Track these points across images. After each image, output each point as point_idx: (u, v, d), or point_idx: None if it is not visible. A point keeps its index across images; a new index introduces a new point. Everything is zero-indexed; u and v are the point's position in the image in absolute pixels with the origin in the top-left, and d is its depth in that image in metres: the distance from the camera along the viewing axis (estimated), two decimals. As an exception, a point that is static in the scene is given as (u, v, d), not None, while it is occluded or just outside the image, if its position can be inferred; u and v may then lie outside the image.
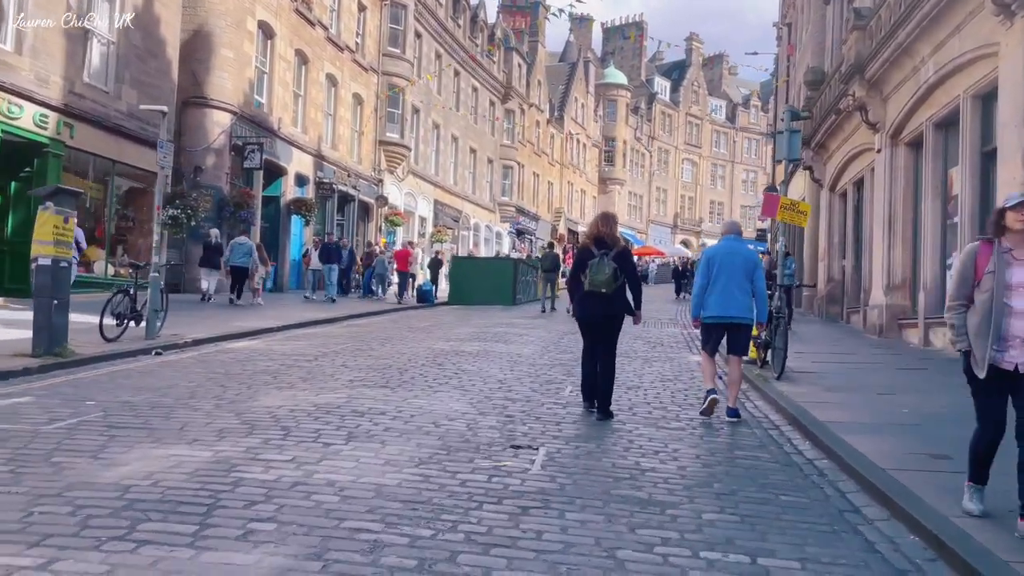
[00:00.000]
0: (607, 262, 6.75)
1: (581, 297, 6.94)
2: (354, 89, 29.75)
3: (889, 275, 14.53)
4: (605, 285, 6.73)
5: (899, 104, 13.99)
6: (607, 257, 6.78)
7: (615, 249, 6.86)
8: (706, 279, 7.13)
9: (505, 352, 11.45)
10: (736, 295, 7.01)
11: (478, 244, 43.58)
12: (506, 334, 14.15)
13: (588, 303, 6.89)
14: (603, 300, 6.80)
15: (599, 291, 6.75)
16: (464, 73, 40.97)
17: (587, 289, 6.80)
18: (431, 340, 12.76)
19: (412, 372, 9.03)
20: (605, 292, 6.75)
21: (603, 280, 6.73)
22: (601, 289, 6.74)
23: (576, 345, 12.70)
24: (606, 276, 6.73)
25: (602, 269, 6.75)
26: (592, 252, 6.84)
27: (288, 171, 25.04)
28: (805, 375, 9.49)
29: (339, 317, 16.67)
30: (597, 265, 6.74)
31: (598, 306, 6.84)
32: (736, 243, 7.35)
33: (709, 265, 7.15)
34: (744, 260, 7.17)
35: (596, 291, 6.76)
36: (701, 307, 7.22)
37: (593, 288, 6.76)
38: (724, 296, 7.01)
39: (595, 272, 6.75)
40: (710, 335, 7.31)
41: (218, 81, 21.50)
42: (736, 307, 7.03)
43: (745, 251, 7.35)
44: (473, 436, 5.92)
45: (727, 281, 7.01)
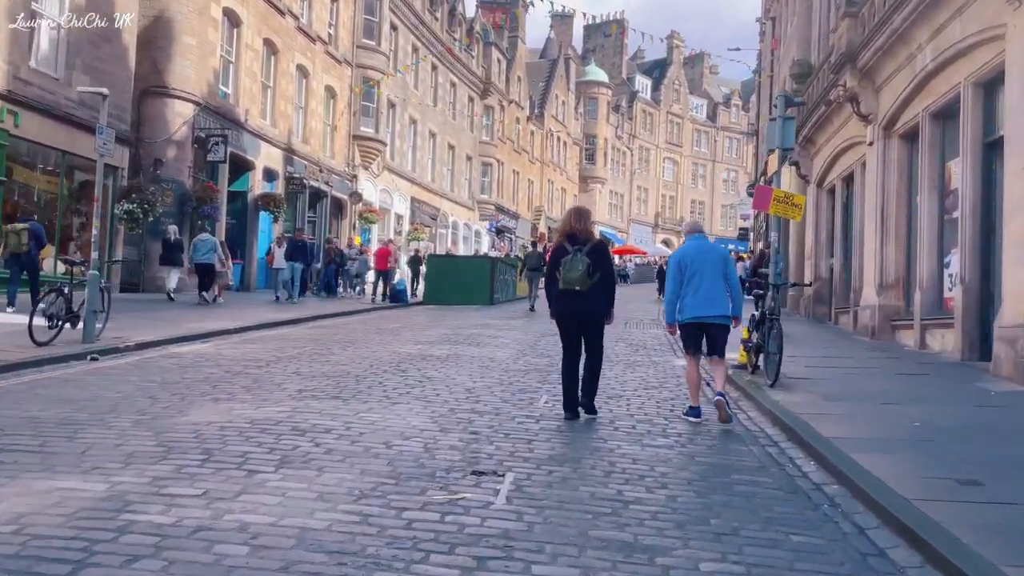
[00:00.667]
0: (580, 258, 6.51)
1: (557, 295, 6.71)
2: (326, 81, 28.77)
3: (882, 274, 13.86)
4: (579, 282, 6.47)
5: (893, 94, 13.31)
6: (580, 253, 6.52)
7: (589, 244, 6.62)
8: (679, 282, 6.90)
9: (477, 356, 10.62)
10: (714, 294, 6.82)
11: (456, 242, 42.66)
12: (480, 336, 13.33)
13: (564, 302, 6.66)
14: (579, 298, 6.55)
15: (573, 289, 6.51)
16: (442, 67, 40.07)
17: (561, 287, 6.56)
18: (398, 343, 11.90)
19: (370, 380, 8.17)
20: (580, 289, 6.49)
21: (576, 277, 6.48)
22: (575, 287, 6.49)
23: (554, 348, 11.90)
24: (579, 273, 6.48)
25: (575, 266, 6.47)
26: (566, 249, 6.60)
27: (256, 165, 24.03)
28: (800, 382, 8.74)
29: (304, 318, 15.76)
30: (570, 262, 6.50)
31: (574, 304, 6.61)
32: (703, 241, 7.19)
33: (681, 267, 6.92)
34: (716, 257, 7.01)
35: (570, 289, 6.52)
36: (676, 311, 6.97)
37: (567, 286, 6.52)
38: (702, 296, 6.79)
39: (568, 269, 6.50)
40: (691, 337, 7.00)
41: (180, 70, 20.47)
42: (715, 306, 6.83)
43: (714, 247, 7.24)
44: (429, 459, 5.09)
45: (703, 280, 6.81)
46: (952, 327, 11.02)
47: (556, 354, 11.34)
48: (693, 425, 6.70)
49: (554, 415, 6.84)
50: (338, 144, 30.14)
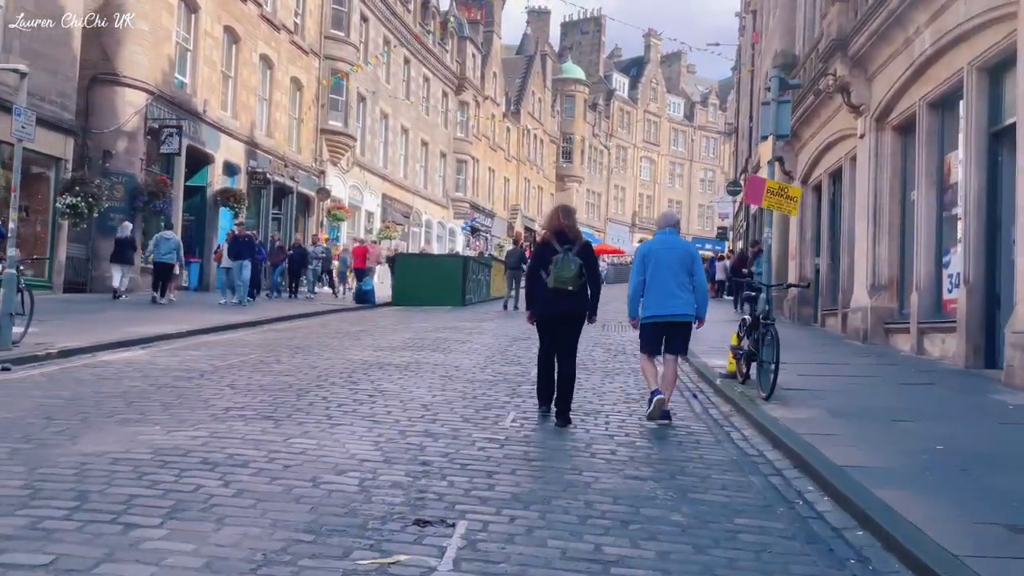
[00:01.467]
0: (572, 258, 6.37)
1: (543, 294, 6.51)
2: (292, 73, 27.61)
3: (874, 274, 13.08)
4: (571, 282, 6.34)
5: (887, 83, 12.53)
6: (571, 252, 6.40)
7: (578, 244, 6.49)
8: (642, 276, 6.73)
9: (440, 364, 9.64)
10: (676, 292, 6.61)
11: (430, 241, 41.60)
12: (447, 340, 12.35)
13: (552, 300, 6.47)
14: (568, 297, 6.41)
15: (565, 288, 6.35)
16: (415, 61, 38.98)
17: (552, 286, 6.38)
18: (356, 349, 10.88)
19: (314, 395, 7.15)
20: (571, 289, 6.37)
21: (569, 277, 6.34)
22: (567, 286, 6.35)
23: (526, 354, 10.97)
24: (572, 273, 6.34)
25: (567, 266, 6.32)
26: (555, 247, 6.44)
27: (215, 159, 22.86)
28: (797, 394, 7.87)
29: (260, 321, 14.67)
30: (562, 261, 6.35)
31: (563, 304, 6.45)
32: (672, 236, 6.92)
33: (644, 262, 6.75)
34: (682, 253, 6.78)
35: (562, 288, 6.36)
36: (639, 307, 6.77)
37: (559, 285, 6.35)
38: (664, 294, 6.61)
39: (561, 268, 6.34)
40: (651, 336, 6.80)
41: (131, 56, 19.26)
42: (677, 305, 6.62)
43: (682, 244, 6.99)
44: (364, 503, 4.11)
45: (666, 278, 6.62)
46: (954, 331, 10.22)
47: (528, 361, 10.41)
48: (680, 448, 5.80)
49: (521, 438, 5.89)
50: (305, 138, 28.98)
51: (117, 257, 17.10)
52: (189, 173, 22.26)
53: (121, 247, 17.07)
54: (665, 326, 6.68)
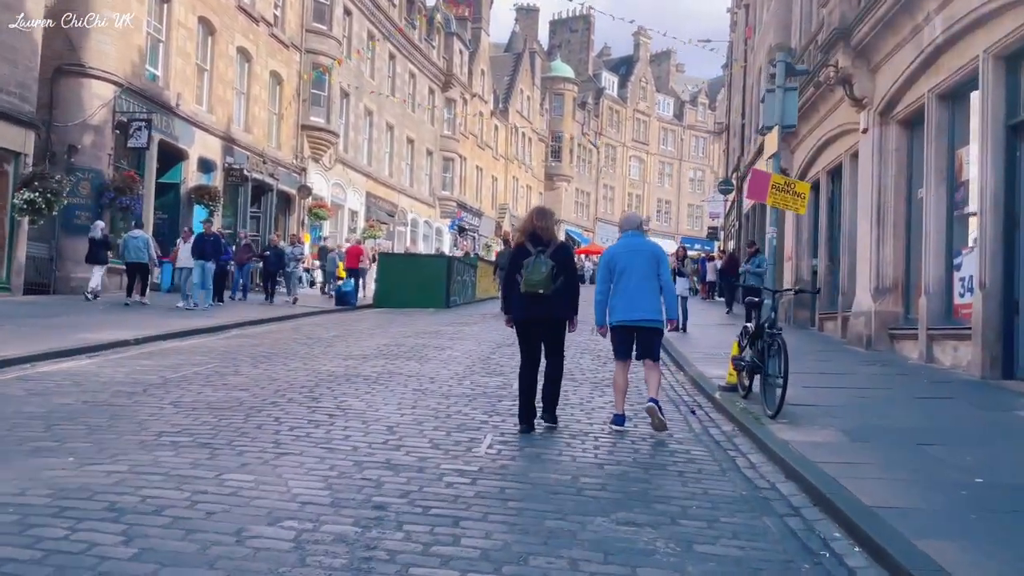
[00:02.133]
0: (544, 260, 6.15)
1: (517, 299, 6.31)
2: (272, 67, 26.72)
3: (878, 277, 12.36)
4: (542, 285, 6.11)
5: (893, 74, 11.82)
6: (544, 255, 6.18)
7: (552, 246, 6.28)
8: (608, 282, 6.58)
9: (415, 375, 8.84)
10: (643, 296, 6.47)
11: (416, 241, 40.76)
12: (425, 347, 11.54)
13: (525, 305, 6.26)
14: (542, 301, 6.18)
15: (536, 292, 6.14)
16: (400, 57, 38.11)
17: (523, 290, 6.17)
18: (325, 358, 10.06)
19: (265, 415, 6.34)
20: (543, 293, 6.13)
21: (540, 280, 6.11)
22: (538, 289, 6.12)
23: (508, 363, 10.19)
24: (543, 275, 6.10)
25: (538, 268, 6.10)
26: (528, 250, 6.26)
27: (190, 155, 21.96)
28: (805, 410, 7.12)
29: (228, 325, 13.81)
30: (533, 264, 6.14)
31: (536, 308, 6.22)
32: (637, 239, 6.77)
33: (610, 266, 6.59)
34: (648, 256, 6.61)
35: (533, 292, 6.14)
36: (606, 312, 6.60)
37: (530, 289, 6.13)
38: (630, 298, 6.46)
39: (531, 271, 6.13)
40: (621, 340, 6.62)
41: (98, 46, 18.33)
42: (644, 309, 6.47)
43: (648, 246, 6.80)
44: (295, 568, 3.31)
45: (632, 281, 6.47)
46: (967, 339, 9.51)
47: (510, 371, 9.62)
48: (681, 479, 5.03)
49: (498, 468, 5.10)
50: (285, 134, 28.09)
51: (92, 258, 16.57)
52: (162, 169, 21.37)
53: (95, 247, 16.52)
54: (634, 330, 6.50)
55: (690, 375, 9.71)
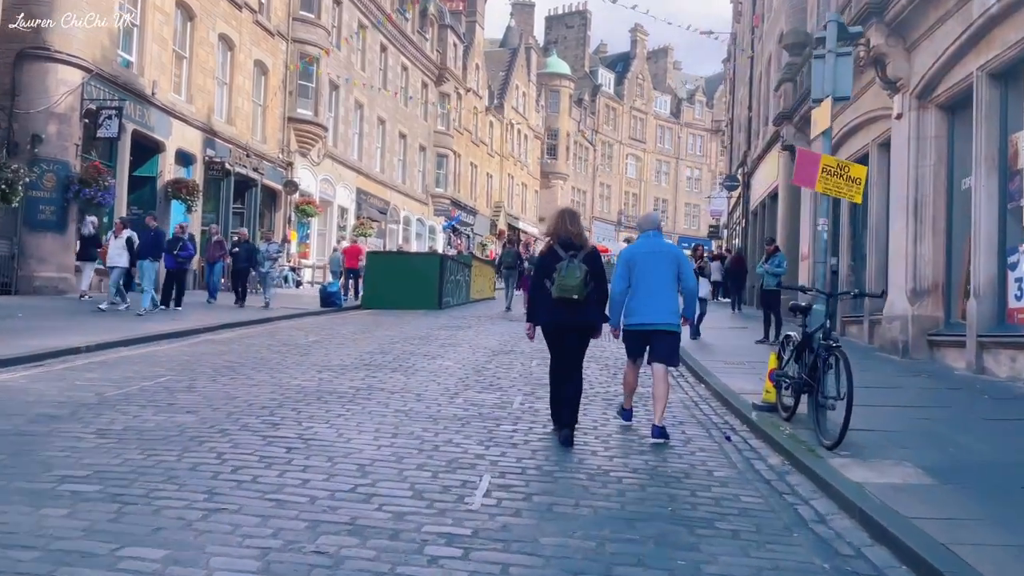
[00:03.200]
0: (577, 264, 5.89)
1: (547, 304, 6.02)
2: (257, 56, 25.43)
3: (915, 277, 11.19)
4: (576, 290, 5.85)
5: (934, 52, 10.64)
6: (576, 259, 5.92)
7: (584, 251, 6.02)
8: (626, 283, 6.37)
9: (399, 391, 7.62)
10: (662, 299, 6.28)
11: (408, 239, 39.52)
12: (413, 356, 10.32)
13: (558, 311, 5.97)
14: (575, 307, 5.92)
15: (570, 297, 5.87)
16: (392, 49, 36.84)
17: (556, 295, 5.90)
18: (297, 369, 8.82)
19: (207, 450, 5.10)
20: (577, 299, 5.87)
21: (574, 285, 5.84)
22: (572, 295, 5.86)
23: (506, 374, 8.99)
24: (577, 280, 5.84)
25: (572, 273, 5.84)
26: (559, 255, 5.98)
27: (167, 147, 20.67)
28: (864, 436, 5.92)
29: (198, 329, 12.55)
30: (567, 268, 5.87)
31: (568, 314, 5.95)
32: (656, 239, 6.56)
33: (629, 267, 6.39)
34: (667, 258, 6.42)
35: (566, 297, 5.87)
36: (622, 314, 6.41)
37: (563, 294, 5.87)
38: (649, 300, 6.26)
39: (566, 276, 5.85)
40: (635, 344, 6.45)
41: (65, 29, 17.04)
42: (663, 312, 6.27)
43: (666, 247, 6.57)
44: None
45: (651, 283, 6.28)
46: (1029, 348, 8.36)
47: (509, 385, 8.42)
48: (736, 541, 3.83)
49: (498, 529, 3.88)
50: (271, 127, 26.80)
51: (83, 255, 16.16)
52: (137, 162, 20.10)
53: (87, 245, 16.06)
54: (649, 334, 6.28)
55: (714, 388, 8.52)
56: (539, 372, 9.35)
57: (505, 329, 14.92)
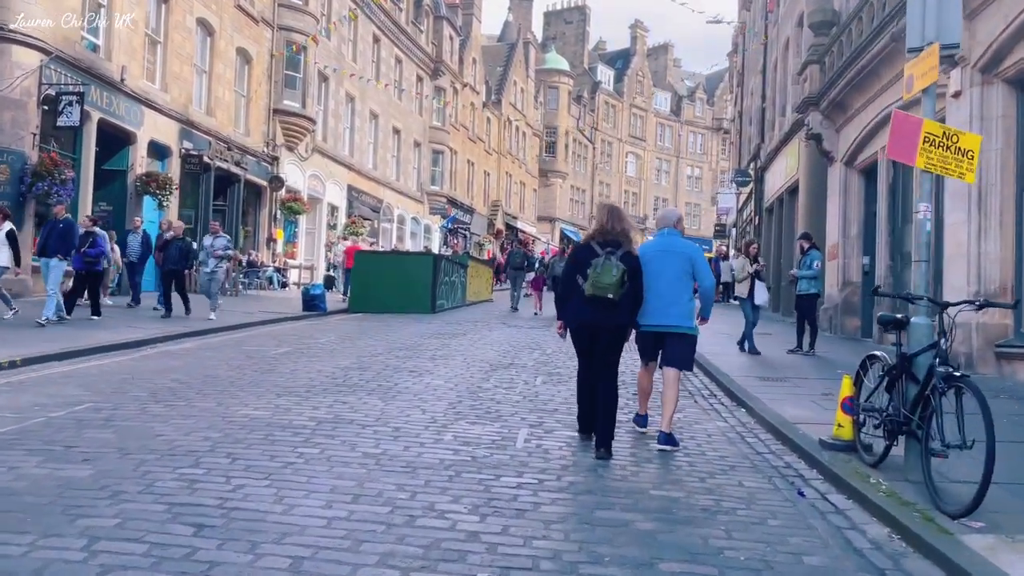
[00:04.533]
0: (614, 262, 5.46)
1: (578, 303, 5.59)
2: (239, 43, 23.89)
3: (979, 279, 9.69)
4: (611, 289, 5.42)
5: (1003, 17, 9.16)
6: (614, 257, 5.50)
7: (623, 249, 5.58)
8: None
9: (372, 422, 6.08)
10: (674, 300, 5.89)
11: (403, 238, 38.00)
12: (396, 372, 8.80)
13: (589, 309, 5.54)
14: (608, 307, 5.50)
15: (605, 296, 5.42)
16: (385, 40, 35.29)
17: (589, 293, 5.47)
18: (252, 392, 7.28)
19: (79, 529, 3.55)
20: (612, 298, 5.45)
21: (610, 283, 5.40)
22: (607, 294, 5.42)
23: (507, 396, 7.48)
24: (614, 279, 5.40)
25: (608, 271, 5.39)
26: (594, 250, 5.59)
27: (138, 138, 19.11)
28: (991, 494, 4.40)
29: (151, 339, 11.01)
30: (603, 265, 5.46)
31: (600, 314, 5.51)
32: (672, 238, 6.11)
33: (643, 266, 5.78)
34: (680, 258, 5.99)
35: (601, 296, 5.43)
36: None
37: (597, 292, 5.43)
38: (661, 302, 5.86)
39: (601, 273, 5.43)
40: (645, 344, 6.10)
41: (20, 6, 15.50)
42: (675, 314, 5.90)
43: (680, 246, 6.08)
44: None
45: (664, 284, 5.89)
46: None
47: (510, 412, 6.90)
48: None
49: None
50: (255, 119, 25.25)
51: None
52: (106, 155, 18.58)
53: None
54: (661, 336, 5.99)
55: (760, 415, 7.00)
56: (546, 393, 7.83)
57: (504, 337, 13.40)
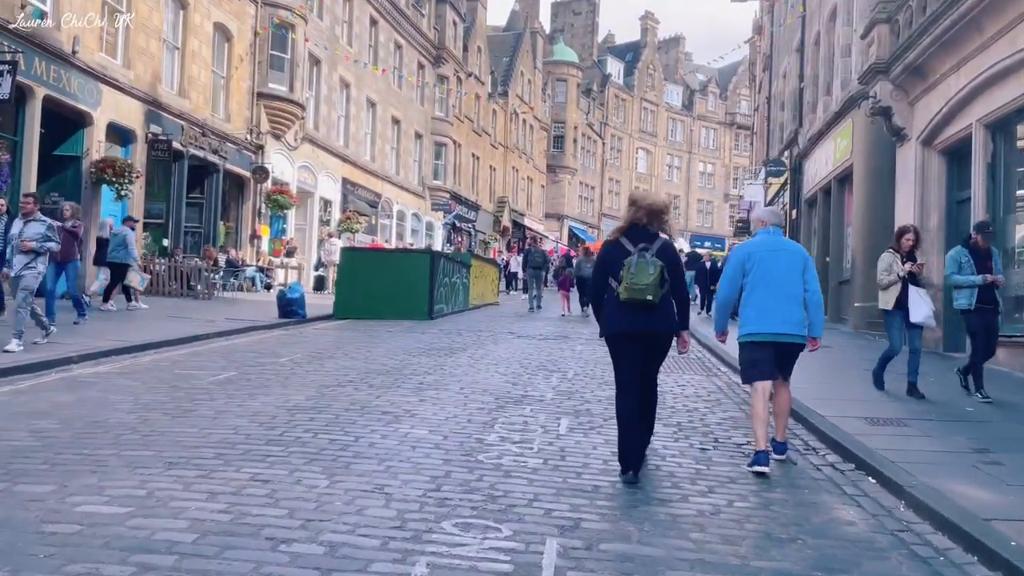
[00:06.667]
0: (650, 260, 4.78)
1: (614, 309, 4.90)
2: (217, 17, 21.47)
3: None
4: (650, 291, 4.72)
5: None
6: (648, 254, 4.80)
7: (657, 243, 4.87)
8: (737, 286, 5.45)
9: (290, 533, 3.61)
10: (786, 305, 5.29)
11: (403, 235, 35.60)
12: (364, 413, 6.34)
13: (625, 315, 4.85)
14: (647, 311, 4.80)
15: (643, 299, 4.73)
16: (384, 23, 32.85)
17: (625, 298, 4.75)
18: (136, 458, 4.80)
19: None
20: (651, 300, 4.72)
21: (647, 285, 4.72)
22: (645, 296, 4.73)
23: (522, 459, 4.98)
24: (651, 279, 4.72)
25: (644, 270, 4.73)
26: (625, 247, 4.90)
27: (95, 119, 16.71)
28: None
29: (53, 361, 8.58)
30: (637, 265, 4.75)
31: (640, 320, 4.83)
32: (778, 237, 5.59)
33: (745, 267, 5.43)
34: (795, 256, 5.45)
35: (639, 299, 4.74)
36: (728, 318, 5.53)
37: (634, 296, 4.73)
38: (774, 307, 5.27)
39: (636, 274, 4.70)
40: (757, 357, 5.31)
41: (-60, -43, 13.13)
42: (788, 322, 5.28)
43: (791, 246, 5.64)
44: None
45: (776, 287, 5.30)
46: None
47: (525, 496, 4.34)
48: None
49: None
50: (236, 103, 22.84)
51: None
52: (57, 138, 16.24)
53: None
54: (778, 346, 5.26)
55: (921, 501, 4.50)
56: (577, 449, 5.38)
57: (513, 352, 10.93)
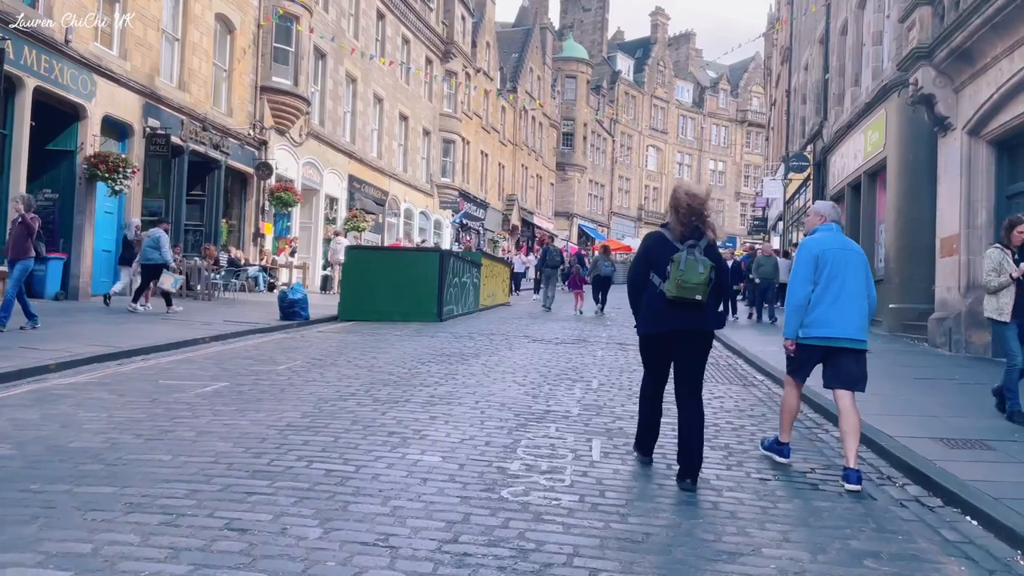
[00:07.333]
0: (700, 258, 4.54)
1: (656, 307, 4.65)
2: (219, 8, 20.75)
3: None
4: (699, 290, 4.51)
5: None
6: (696, 251, 4.57)
7: (705, 239, 4.66)
8: (811, 285, 4.95)
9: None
10: (855, 308, 4.94)
11: (411, 234, 34.86)
12: (368, 434, 5.57)
13: (671, 314, 4.60)
14: (693, 311, 4.57)
15: (692, 299, 4.50)
16: (391, 17, 32.11)
17: (673, 295, 4.51)
18: (83, 507, 4.03)
19: None
20: (700, 300, 4.53)
21: (698, 283, 4.50)
22: (695, 295, 4.51)
23: (552, 494, 4.18)
24: (701, 278, 4.50)
25: (694, 268, 4.48)
26: (671, 243, 4.66)
27: (89, 112, 16.01)
28: None
29: (31, 369, 7.84)
30: (687, 262, 4.50)
31: (685, 319, 4.59)
32: (841, 235, 5.21)
33: (819, 264, 4.96)
34: (861, 258, 5.08)
35: (688, 298, 4.50)
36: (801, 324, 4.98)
37: (683, 294, 4.49)
38: (844, 308, 4.91)
39: (686, 272, 4.47)
40: (807, 359, 5.07)
41: (-78, -61, 12.42)
42: (856, 325, 4.92)
43: (856, 246, 5.21)
44: None
45: (845, 288, 4.94)
46: None
47: (562, 551, 3.66)
48: None
49: None
50: (238, 97, 22.11)
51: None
52: (50, 132, 15.54)
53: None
54: (829, 350, 4.94)
55: None
56: (615, 481, 4.57)
57: (531, 358, 10.13)
